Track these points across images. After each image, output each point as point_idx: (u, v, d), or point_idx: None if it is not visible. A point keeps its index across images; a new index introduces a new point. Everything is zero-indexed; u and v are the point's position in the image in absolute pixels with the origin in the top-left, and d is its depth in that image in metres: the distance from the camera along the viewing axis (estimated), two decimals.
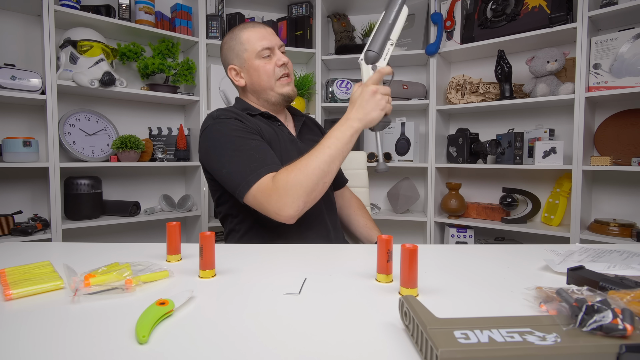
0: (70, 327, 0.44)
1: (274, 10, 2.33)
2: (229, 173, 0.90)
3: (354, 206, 1.21)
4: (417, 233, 2.33)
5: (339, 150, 0.86)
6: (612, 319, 0.36)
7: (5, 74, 1.51)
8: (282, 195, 0.83)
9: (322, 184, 0.86)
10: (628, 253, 0.70)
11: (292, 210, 0.84)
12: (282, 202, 0.83)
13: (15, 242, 0.87)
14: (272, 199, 0.84)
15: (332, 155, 0.85)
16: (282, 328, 0.44)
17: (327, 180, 0.86)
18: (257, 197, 0.86)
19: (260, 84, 1.04)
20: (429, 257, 0.73)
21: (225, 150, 0.92)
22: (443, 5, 2.05)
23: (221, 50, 1.11)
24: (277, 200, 0.83)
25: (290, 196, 0.83)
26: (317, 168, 0.84)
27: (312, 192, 0.85)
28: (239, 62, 1.06)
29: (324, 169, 0.84)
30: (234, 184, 0.89)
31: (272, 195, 0.84)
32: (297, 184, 0.83)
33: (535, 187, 1.97)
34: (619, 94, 1.57)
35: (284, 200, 0.83)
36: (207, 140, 0.96)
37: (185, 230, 2.21)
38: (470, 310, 0.50)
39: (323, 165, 0.84)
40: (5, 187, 1.71)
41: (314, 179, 0.83)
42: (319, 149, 0.86)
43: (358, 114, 0.87)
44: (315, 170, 0.83)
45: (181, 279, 0.60)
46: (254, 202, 0.88)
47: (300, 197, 0.83)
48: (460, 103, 2.02)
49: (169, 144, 2.09)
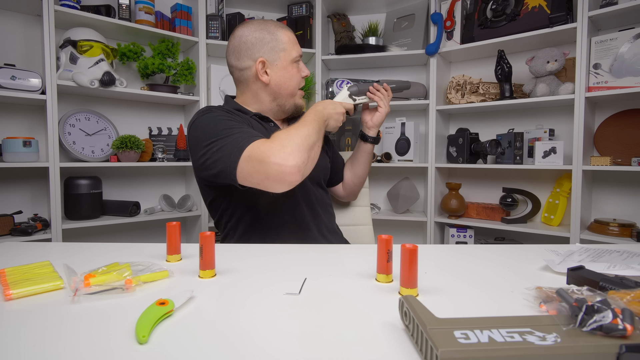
0: (70, 327, 0.44)
1: (274, 10, 2.33)
2: (222, 148, 0.82)
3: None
4: (417, 233, 2.33)
5: (320, 127, 0.91)
6: (612, 319, 0.36)
7: (5, 74, 1.51)
8: (285, 145, 0.77)
9: (318, 146, 0.87)
10: (628, 253, 0.70)
11: (297, 158, 0.77)
12: (286, 151, 0.76)
13: (15, 242, 0.87)
14: (274, 150, 0.77)
15: (319, 126, 0.90)
16: (282, 328, 0.44)
17: (320, 145, 0.88)
18: (257, 154, 0.78)
19: (287, 89, 1.03)
20: (429, 257, 0.73)
21: (217, 132, 0.85)
22: (443, 5, 2.05)
23: (242, 38, 1.01)
24: (281, 150, 0.76)
25: (295, 145, 0.78)
26: (314, 129, 0.87)
27: (312, 149, 0.82)
28: (272, 57, 0.99)
29: (319, 134, 0.88)
30: (230, 154, 0.81)
31: (273, 146, 0.77)
32: (300, 136, 0.81)
33: (535, 187, 1.97)
34: (619, 94, 1.57)
35: (288, 148, 0.77)
36: (196, 131, 0.90)
37: (185, 230, 2.21)
38: (470, 310, 0.50)
39: (318, 130, 0.88)
40: (5, 187, 1.71)
41: (313, 136, 0.84)
42: (306, 119, 0.89)
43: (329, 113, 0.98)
44: (313, 130, 0.86)
45: (181, 279, 0.60)
46: (252, 162, 0.78)
47: (304, 148, 0.79)
48: (460, 103, 2.02)
49: (169, 144, 2.09)
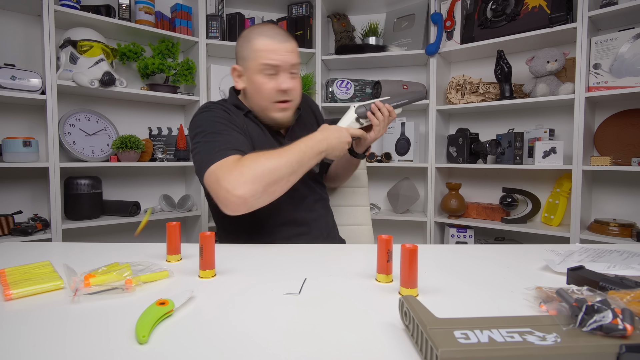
0: (70, 327, 0.44)
1: (274, 10, 2.33)
2: (200, 152, 0.87)
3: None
4: (417, 233, 2.33)
5: (309, 159, 0.86)
6: (612, 319, 0.36)
7: (5, 74, 1.51)
8: (244, 173, 0.78)
9: (286, 181, 0.83)
10: (628, 253, 0.70)
11: (247, 190, 0.77)
12: (240, 180, 0.78)
13: (15, 242, 0.87)
14: (232, 175, 0.79)
15: (303, 159, 0.85)
16: (282, 328, 0.44)
17: (291, 180, 0.84)
18: (217, 173, 0.81)
19: (255, 100, 0.99)
20: (429, 257, 0.73)
21: (204, 133, 0.90)
22: (443, 5, 2.05)
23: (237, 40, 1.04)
24: (237, 177, 0.78)
25: (253, 176, 0.78)
26: (289, 162, 0.82)
27: (275, 184, 0.81)
28: (243, 65, 0.99)
29: (294, 168, 0.83)
30: (201, 161, 0.85)
31: (233, 171, 0.79)
32: (258, 169, 0.79)
33: (535, 187, 1.97)
34: (619, 94, 1.57)
35: (244, 177, 0.78)
36: (192, 127, 0.95)
37: (185, 230, 2.21)
38: (470, 310, 0.50)
39: (295, 163, 0.83)
40: (5, 187, 1.71)
41: (282, 170, 0.81)
42: (293, 148, 0.85)
43: (333, 143, 0.90)
44: (287, 163, 0.82)
45: (181, 279, 0.60)
46: (211, 178, 0.82)
47: (262, 182, 0.78)
48: (460, 103, 2.02)
49: (169, 144, 2.09)
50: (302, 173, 0.86)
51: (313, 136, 0.89)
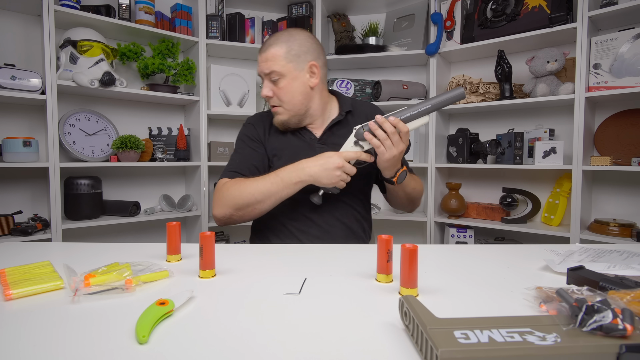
0: (70, 327, 0.44)
1: (274, 10, 2.33)
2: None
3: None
4: (417, 233, 2.33)
5: (279, 190, 0.93)
6: (612, 319, 0.36)
7: (5, 74, 1.51)
8: (219, 198, 0.99)
9: (253, 209, 0.96)
10: (628, 253, 0.70)
11: (219, 212, 0.99)
12: (218, 202, 0.99)
13: (15, 242, 0.87)
14: (216, 196, 1.01)
15: (270, 190, 0.93)
16: (282, 328, 0.44)
17: (258, 208, 0.96)
18: (215, 188, 1.04)
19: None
20: (429, 257, 0.73)
21: (234, 149, 1.12)
22: (443, 5, 2.05)
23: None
24: (217, 199, 1.00)
25: (222, 202, 0.98)
26: (252, 194, 0.94)
27: (241, 210, 0.96)
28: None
29: (258, 198, 0.94)
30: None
31: (217, 193, 1.01)
32: (230, 196, 0.97)
33: (535, 187, 1.97)
34: (619, 94, 1.57)
35: (218, 202, 0.99)
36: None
37: (185, 230, 2.21)
38: (470, 310, 0.50)
39: (258, 195, 0.94)
40: (5, 187, 1.71)
41: (245, 199, 0.95)
42: (265, 179, 0.95)
43: (312, 171, 0.91)
44: (249, 195, 0.94)
45: (181, 279, 0.60)
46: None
47: (229, 208, 0.97)
48: (460, 103, 2.02)
49: (169, 144, 2.09)
50: (272, 202, 0.95)
51: (293, 165, 0.93)
